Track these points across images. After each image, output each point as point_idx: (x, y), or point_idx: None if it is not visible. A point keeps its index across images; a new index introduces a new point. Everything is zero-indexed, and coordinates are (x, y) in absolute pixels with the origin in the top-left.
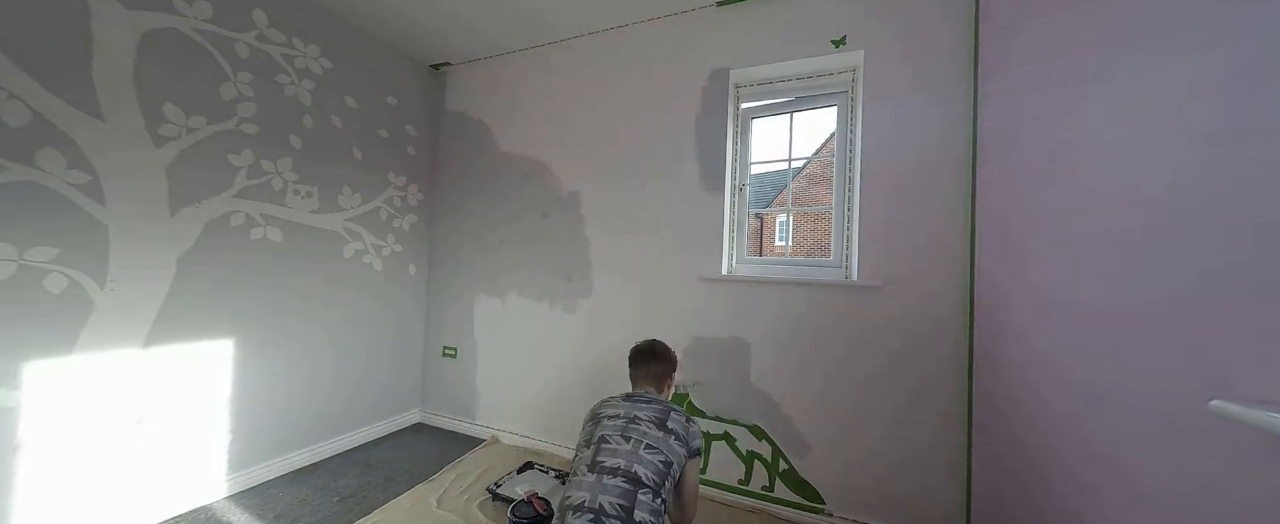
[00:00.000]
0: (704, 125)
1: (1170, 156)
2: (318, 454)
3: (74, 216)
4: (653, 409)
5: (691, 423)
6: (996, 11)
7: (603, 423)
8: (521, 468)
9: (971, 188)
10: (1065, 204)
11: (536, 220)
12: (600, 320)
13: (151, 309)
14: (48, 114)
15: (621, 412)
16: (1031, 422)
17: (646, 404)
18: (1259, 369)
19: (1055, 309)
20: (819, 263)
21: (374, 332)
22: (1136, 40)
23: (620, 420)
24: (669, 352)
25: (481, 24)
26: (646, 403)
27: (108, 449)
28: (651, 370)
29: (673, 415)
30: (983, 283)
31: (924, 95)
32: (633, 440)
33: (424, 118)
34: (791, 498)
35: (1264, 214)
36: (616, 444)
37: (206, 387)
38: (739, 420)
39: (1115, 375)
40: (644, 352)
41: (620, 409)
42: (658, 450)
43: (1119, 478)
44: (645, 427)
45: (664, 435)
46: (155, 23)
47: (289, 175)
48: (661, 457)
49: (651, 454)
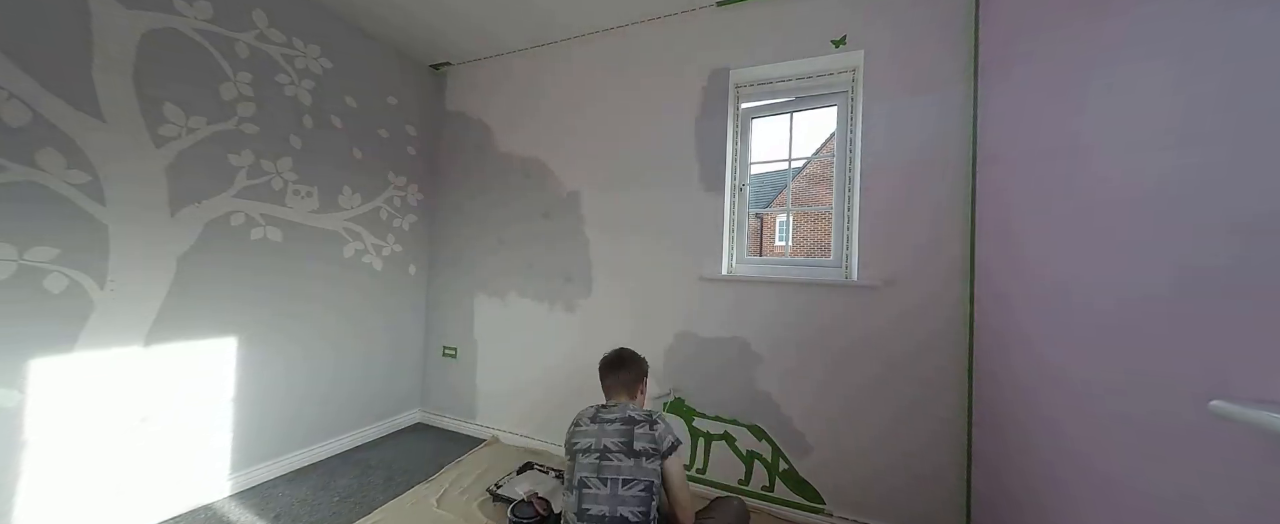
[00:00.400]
0: (704, 125)
1: (1171, 156)
2: (318, 454)
3: (74, 217)
4: (618, 432)
5: (656, 426)
6: (997, 12)
7: (578, 461)
8: (521, 468)
9: (971, 188)
10: (1065, 204)
11: (536, 220)
12: (600, 320)
13: (151, 309)
14: (48, 114)
15: (593, 442)
16: (1032, 421)
17: (612, 424)
18: (1259, 369)
19: (1056, 309)
20: (819, 263)
21: (374, 332)
22: (1137, 40)
23: (593, 457)
24: (636, 358)
25: (481, 20)
26: (612, 423)
27: (108, 449)
28: (621, 378)
29: (637, 432)
30: (983, 283)
31: (924, 95)
32: (609, 481)
33: (424, 118)
34: (791, 498)
35: (1265, 214)
36: (596, 489)
37: (207, 386)
38: (739, 420)
39: (1116, 375)
40: (611, 362)
41: (591, 439)
42: (634, 482)
43: (1119, 478)
44: (616, 459)
45: (634, 463)
46: (155, 23)
47: (289, 175)
48: (640, 485)
49: (630, 489)
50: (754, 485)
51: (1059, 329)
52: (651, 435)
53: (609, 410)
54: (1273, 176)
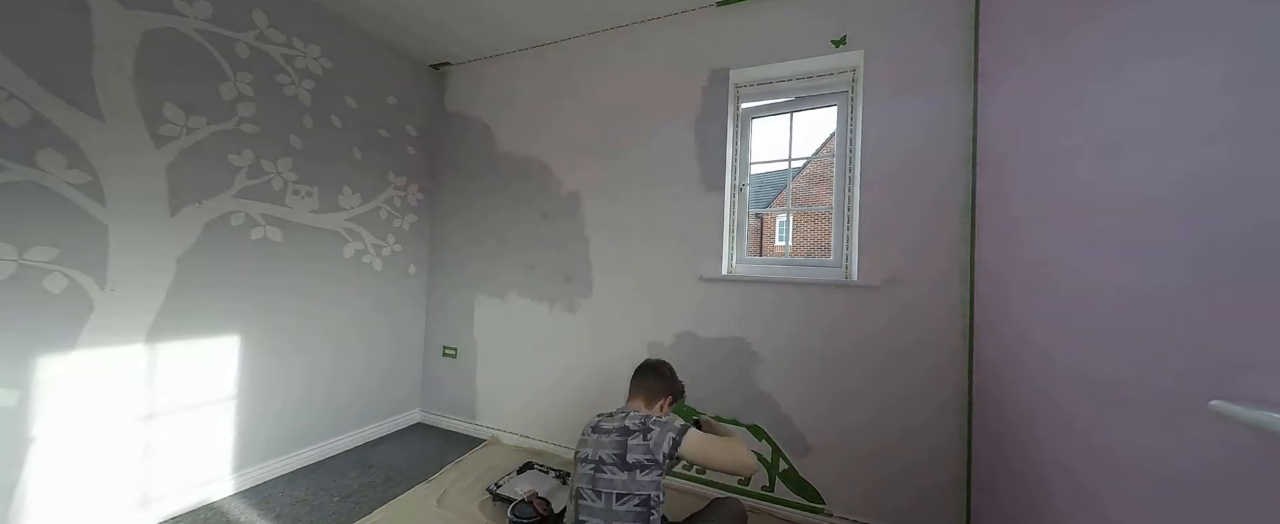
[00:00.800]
0: (704, 125)
1: (1172, 156)
2: (318, 454)
3: (74, 217)
4: (613, 443)
5: (650, 433)
6: (997, 12)
7: (578, 470)
8: (521, 468)
9: (971, 188)
10: (1065, 204)
11: (536, 220)
12: (600, 320)
13: (151, 309)
14: (48, 114)
15: (590, 452)
16: (1031, 421)
17: (608, 435)
18: (1259, 369)
19: (1056, 309)
20: (819, 263)
21: (374, 331)
22: (1138, 39)
23: (589, 467)
24: (669, 372)
25: (481, 19)
26: (609, 433)
27: (109, 448)
28: (647, 384)
29: (630, 444)
30: (982, 283)
31: (924, 95)
32: (603, 495)
33: (424, 118)
34: (791, 498)
35: (1266, 213)
36: (591, 502)
37: (207, 386)
38: (739, 420)
39: (1116, 375)
40: (643, 366)
41: (589, 448)
42: (629, 496)
43: (1119, 478)
44: (609, 472)
45: (628, 477)
46: (155, 23)
47: (289, 175)
48: (635, 500)
49: (624, 504)
50: (754, 486)
51: (1060, 329)
52: (646, 446)
53: (610, 419)
54: (1275, 176)
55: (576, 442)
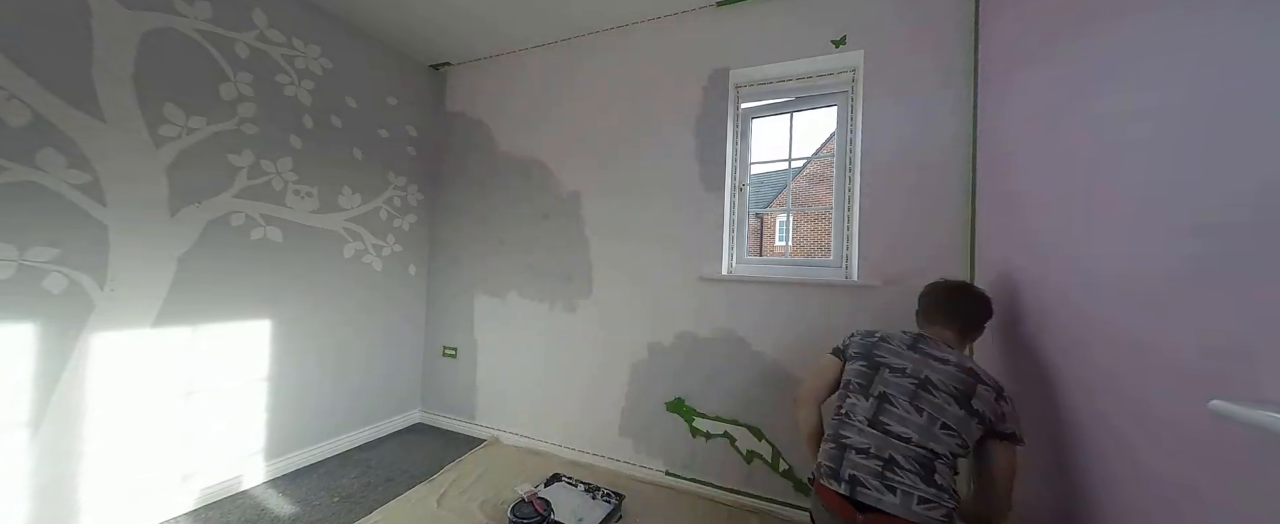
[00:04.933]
0: (704, 125)
1: (1172, 156)
2: (318, 454)
3: (74, 217)
4: (951, 375)
5: (1002, 403)
6: (997, 12)
7: (883, 374)
8: (549, 480)
9: (972, 187)
10: (1065, 203)
11: (536, 221)
12: (600, 320)
13: (152, 309)
14: (48, 114)
15: (909, 366)
16: (1030, 422)
17: (942, 365)
18: (1259, 368)
19: (1054, 308)
20: (819, 263)
21: (374, 331)
22: (1138, 38)
23: (907, 379)
24: (986, 300)
25: (482, 18)
26: (942, 363)
27: (109, 448)
28: (960, 313)
29: (980, 390)
30: (982, 282)
31: (924, 95)
32: (927, 414)
33: (424, 118)
34: (792, 498)
35: (1265, 213)
36: (904, 412)
37: (207, 386)
38: (739, 420)
39: (1115, 375)
40: (955, 287)
41: (907, 362)
42: (955, 433)
43: (1117, 478)
44: (942, 399)
45: (965, 416)
46: (155, 23)
47: (289, 175)
48: (959, 440)
49: (949, 436)
50: (754, 486)
51: (1058, 329)
52: (997, 408)
53: (935, 346)
54: (1275, 175)
55: (854, 353)
